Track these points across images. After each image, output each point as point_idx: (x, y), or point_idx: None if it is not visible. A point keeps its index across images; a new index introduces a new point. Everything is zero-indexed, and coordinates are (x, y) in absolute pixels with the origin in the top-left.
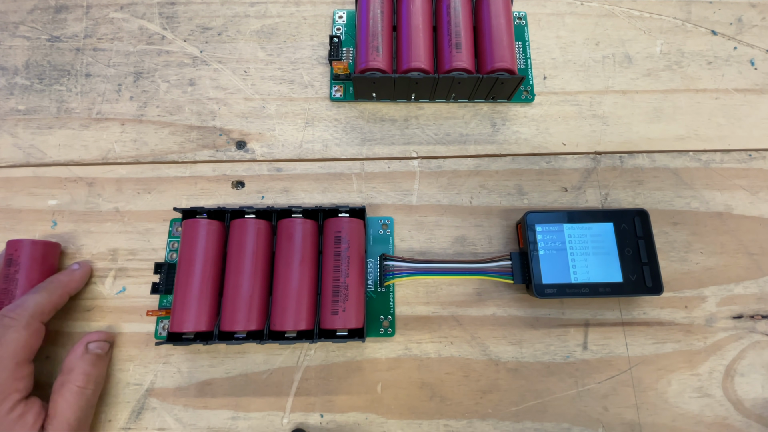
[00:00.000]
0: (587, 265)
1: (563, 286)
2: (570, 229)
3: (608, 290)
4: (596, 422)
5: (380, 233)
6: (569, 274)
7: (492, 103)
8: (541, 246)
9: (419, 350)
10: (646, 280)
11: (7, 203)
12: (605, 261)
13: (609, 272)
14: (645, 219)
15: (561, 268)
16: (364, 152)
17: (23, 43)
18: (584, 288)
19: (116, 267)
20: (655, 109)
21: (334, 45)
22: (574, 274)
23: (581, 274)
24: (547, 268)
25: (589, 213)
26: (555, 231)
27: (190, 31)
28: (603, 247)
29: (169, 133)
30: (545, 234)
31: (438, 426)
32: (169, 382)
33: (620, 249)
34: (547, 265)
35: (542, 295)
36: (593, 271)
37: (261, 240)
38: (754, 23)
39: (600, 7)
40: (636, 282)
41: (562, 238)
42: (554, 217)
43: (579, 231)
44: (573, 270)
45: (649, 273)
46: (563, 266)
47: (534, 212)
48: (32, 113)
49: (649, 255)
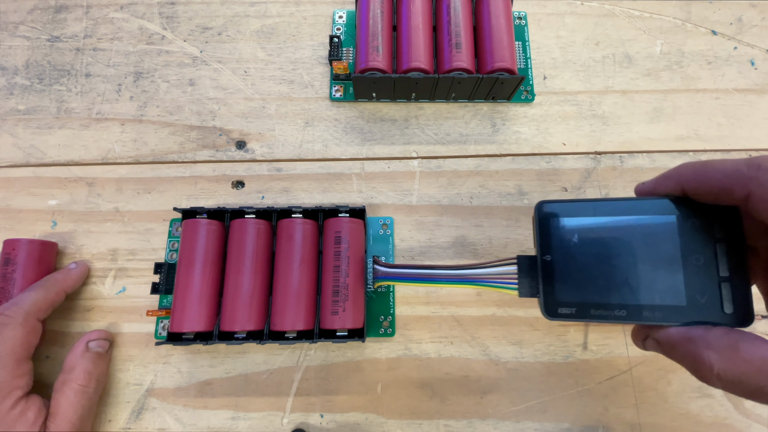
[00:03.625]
0: (628, 278)
1: (587, 306)
2: (604, 225)
3: (659, 316)
4: (596, 422)
5: (380, 233)
6: (598, 288)
7: (492, 103)
8: (559, 248)
9: (419, 350)
10: (723, 305)
11: (7, 203)
12: (659, 273)
13: (663, 290)
14: (733, 217)
15: (586, 280)
16: (364, 152)
17: (23, 43)
18: (620, 310)
19: (116, 267)
20: (655, 109)
21: (334, 45)
22: (605, 290)
23: (617, 290)
24: (566, 278)
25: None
26: (581, 228)
27: (190, 31)
28: (657, 252)
29: (169, 133)
30: (566, 232)
31: (438, 426)
32: (169, 382)
33: (685, 257)
34: (565, 275)
35: (554, 316)
36: (637, 287)
37: (261, 240)
38: (754, 23)
39: (600, 7)
40: (707, 306)
41: (593, 237)
42: (579, 208)
43: (619, 227)
44: (605, 283)
45: (729, 294)
46: (590, 277)
47: (551, 202)
48: (32, 113)
49: (735, 267)
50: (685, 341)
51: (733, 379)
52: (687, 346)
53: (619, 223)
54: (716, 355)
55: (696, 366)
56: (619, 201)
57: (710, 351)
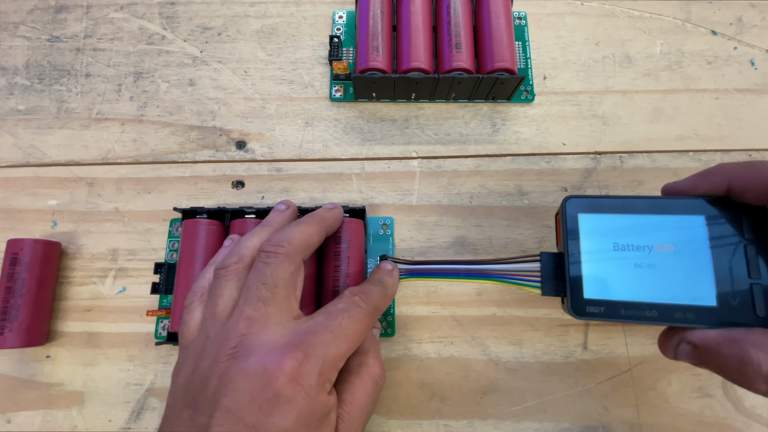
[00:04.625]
0: (658, 278)
1: (616, 305)
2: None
3: (690, 317)
4: (596, 422)
5: (380, 233)
6: (628, 287)
7: (492, 103)
8: (587, 245)
9: (419, 350)
10: (756, 307)
11: (7, 203)
12: (690, 273)
13: (694, 290)
14: (763, 218)
15: (616, 279)
16: (364, 152)
17: (23, 43)
18: (650, 310)
19: (116, 267)
20: (655, 109)
21: (334, 45)
22: (635, 289)
23: (647, 289)
24: (595, 276)
25: (665, 203)
26: (610, 225)
27: (190, 31)
28: (687, 252)
29: (169, 133)
30: (595, 230)
31: (438, 426)
32: (169, 382)
33: (716, 257)
34: (594, 273)
35: (582, 315)
36: (667, 288)
37: None
38: (754, 23)
39: (600, 7)
40: (739, 308)
41: (622, 235)
42: (608, 205)
43: (649, 226)
44: (635, 283)
45: (762, 296)
46: (620, 276)
47: (579, 198)
48: (32, 113)
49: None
50: (728, 342)
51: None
52: (731, 347)
53: (648, 221)
54: (765, 355)
55: (742, 368)
56: (649, 199)
57: (757, 350)
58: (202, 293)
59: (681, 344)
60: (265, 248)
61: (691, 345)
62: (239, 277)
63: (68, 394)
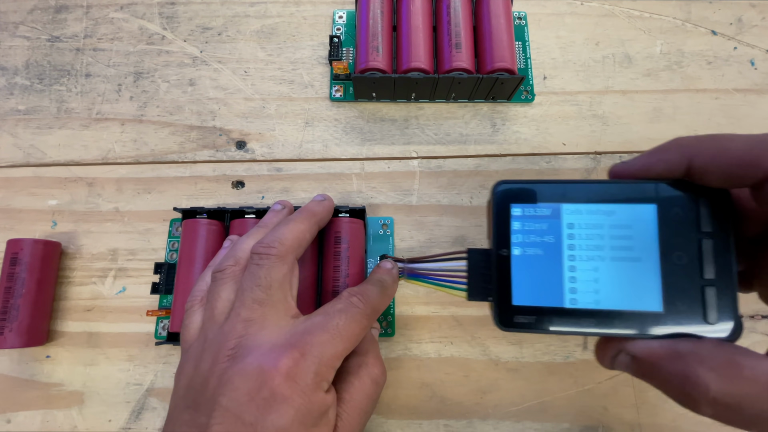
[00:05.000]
0: (598, 281)
1: (549, 313)
2: (573, 214)
3: (633, 325)
4: (596, 422)
5: (380, 233)
6: (563, 293)
7: (492, 103)
8: (519, 241)
9: (419, 350)
10: (707, 313)
11: (7, 203)
12: (634, 273)
13: (638, 294)
14: (724, 205)
15: (550, 282)
16: (364, 152)
17: (23, 43)
18: (587, 319)
19: (116, 267)
20: (655, 109)
21: (334, 45)
22: (571, 294)
23: (585, 294)
24: (525, 279)
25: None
26: (546, 216)
27: (190, 31)
28: (632, 248)
29: (169, 133)
30: (528, 220)
31: (438, 426)
32: (169, 382)
33: (665, 253)
34: (524, 275)
35: (509, 326)
36: (608, 291)
37: None
38: (754, 23)
39: (600, 7)
40: (688, 314)
41: (558, 227)
42: (547, 191)
43: (590, 218)
44: (570, 286)
45: (714, 300)
46: (554, 279)
47: (512, 183)
48: (32, 113)
49: (721, 268)
50: (672, 357)
51: (731, 402)
52: (675, 364)
53: (591, 212)
54: (712, 374)
55: (686, 388)
56: (594, 184)
57: (704, 368)
58: (201, 297)
59: (620, 354)
60: (257, 250)
61: (630, 356)
62: (236, 279)
63: (68, 394)
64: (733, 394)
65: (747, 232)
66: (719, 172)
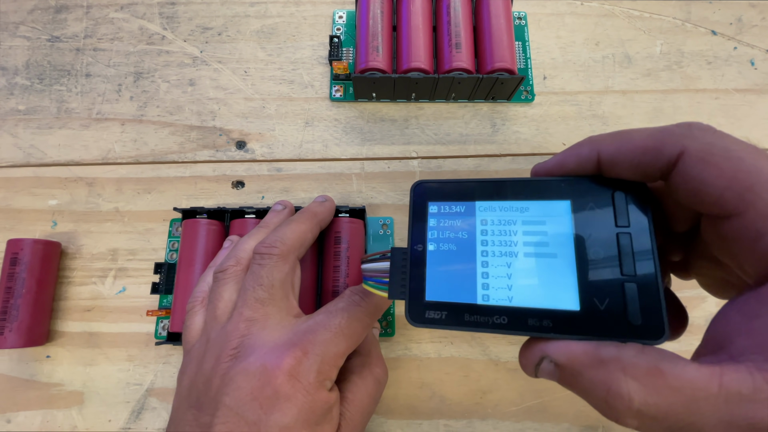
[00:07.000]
0: (511, 276)
1: (461, 310)
2: (487, 210)
3: (547, 324)
4: (596, 422)
5: (380, 233)
6: (475, 288)
7: (492, 103)
8: (434, 237)
9: (419, 350)
10: (629, 312)
11: (7, 203)
12: (548, 270)
13: (553, 291)
14: (640, 197)
15: (462, 278)
16: (364, 152)
17: (23, 43)
18: (500, 316)
19: (116, 267)
20: (655, 109)
21: (334, 45)
22: (483, 290)
23: (498, 291)
24: (439, 275)
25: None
26: (460, 213)
27: (190, 31)
28: (547, 245)
29: (169, 133)
30: (444, 217)
31: (438, 426)
32: (169, 382)
33: (580, 249)
34: (439, 271)
35: (420, 322)
36: (521, 288)
37: None
38: (754, 23)
39: (600, 7)
40: (607, 314)
41: (472, 224)
42: (464, 189)
43: (503, 214)
44: (483, 282)
45: (635, 298)
46: (466, 274)
47: (429, 182)
48: (32, 113)
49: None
50: (593, 364)
51: (657, 414)
52: (597, 372)
53: (507, 209)
54: (635, 384)
55: (609, 399)
56: (510, 182)
57: (627, 378)
58: (202, 297)
59: (543, 362)
60: (259, 250)
61: (552, 364)
62: (237, 279)
63: (68, 394)
64: (657, 405)
65: (677, 228)
66: (626, 162)
